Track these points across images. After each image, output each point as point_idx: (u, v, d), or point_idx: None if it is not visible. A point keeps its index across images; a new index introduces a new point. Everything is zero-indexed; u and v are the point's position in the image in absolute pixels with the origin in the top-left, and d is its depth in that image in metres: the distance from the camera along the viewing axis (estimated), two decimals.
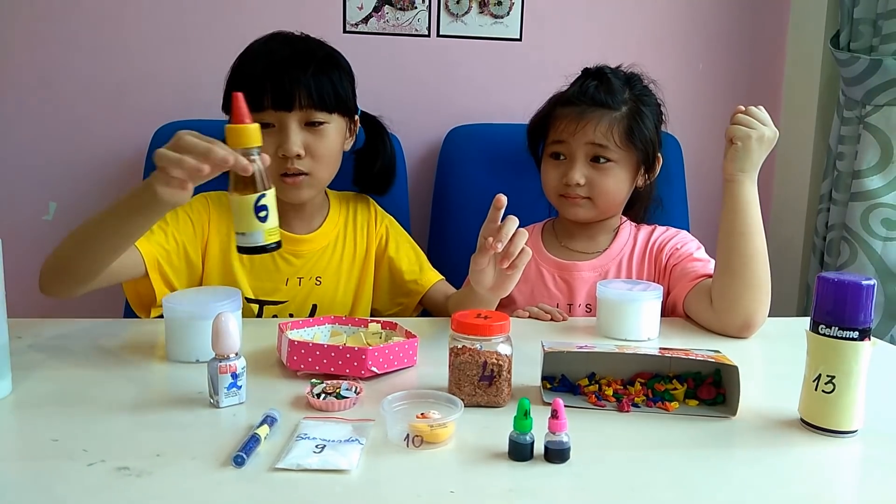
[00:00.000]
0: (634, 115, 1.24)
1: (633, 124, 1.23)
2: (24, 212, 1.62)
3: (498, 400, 0.81)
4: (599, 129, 1.21)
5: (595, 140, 1.21)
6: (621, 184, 1.25)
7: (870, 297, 0.73)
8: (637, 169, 1.27)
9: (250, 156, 0.82)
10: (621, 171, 1.24)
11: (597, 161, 1.23)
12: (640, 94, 1.26)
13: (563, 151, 1.25)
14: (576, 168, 1.23)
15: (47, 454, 0.68)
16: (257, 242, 0.83)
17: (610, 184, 1.23)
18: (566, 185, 1.23)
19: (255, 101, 1.09)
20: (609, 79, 1.24)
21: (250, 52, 1.19)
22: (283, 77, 1.11)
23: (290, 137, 1.12)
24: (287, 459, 0.66)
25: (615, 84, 1.23)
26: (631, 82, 1.27)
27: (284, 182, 1.15)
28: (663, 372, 0.87)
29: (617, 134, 1.21)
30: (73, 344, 1.00)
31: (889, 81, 1.43)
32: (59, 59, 1.58)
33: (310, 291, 1.25)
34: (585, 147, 1.22)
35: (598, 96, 1.22)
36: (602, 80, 1.24)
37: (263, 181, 0.83)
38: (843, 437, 0.75)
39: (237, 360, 0.79)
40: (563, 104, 1.26)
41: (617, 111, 1.22)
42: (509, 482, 0.65)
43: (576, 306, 1.28)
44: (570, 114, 1.23)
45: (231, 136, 0.82)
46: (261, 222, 0.82)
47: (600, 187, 1.23)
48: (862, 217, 1.49)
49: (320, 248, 1.27)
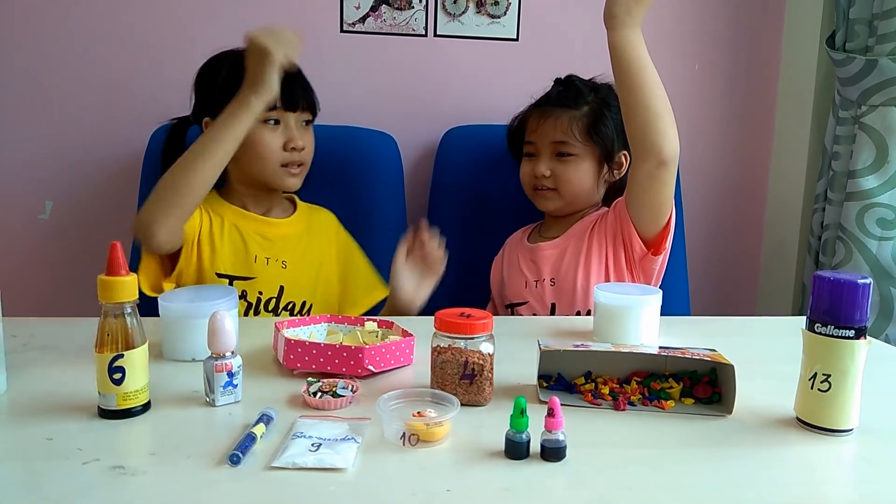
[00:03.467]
0: (595, 113, 1.35)
1: (593, 121, 1.34)
2: (21, 211, 1.62)
3: (479, 398, 0.81)
4: (560, 127, 1.33)
5: (557, 138, 1.34)
6: (584, 175, 1.35)
7: (866, 296, 0.73)
8: (601, 163, 1.36)
9: (124, 311, 0.76)
10: (583, 164, 1.35)
11: (561, 156, 1.34)
12: (605, 97, 1.36)
13: (532, 150, 1.38)
14: (541, 161, 1.36)
15: (41, 453, 0.68)
16: (109, 406, 0.75)
17: (572, 175, 1.35)
18: (535, 177, 1.36)
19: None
20: (575, 84, 1.37)
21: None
22: (292, 82, 1.26)
23: (295, 132, 1.30)
24: (283, 458, 0.66)
25: (580, 89, 1.36)
26: (598, 89, 1.38)
27: (289, 172, 1.31)
28: (659, 370, 0.87)
29: (577, 130, 1.33)
30: (68, 343, 0.99)
31: (884, 82, 1.44)
32: (56, 57, 1.57)
33: (277, 273, 1.33)
34: (550, 144, 1.35)
35: (560, 99, 1.36)
36: (568, 86, 1.38)
37: (128, 339, 0.75)
38: (839, 436, 0.75)
39: (233, 359, 0.79)
40: (532, 108, 1.40)
41: (577, 110, 1.34)
42: (505, 481, 0.65)
43: (542, 281, 1.37)
44: (536, 116, 1.37)
45: (106, 290, 0.75)
46: (115, 385, 0.75)
47: (563, 178, 1.35)
48: (857, 217, 1.49)
49: (286, 235, 1.37)
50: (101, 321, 0.75)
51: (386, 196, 1.45)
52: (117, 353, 0.75)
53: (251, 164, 1.29)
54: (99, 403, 0.76)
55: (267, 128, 1.27)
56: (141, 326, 0.77)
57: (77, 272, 1.63)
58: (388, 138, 1.59)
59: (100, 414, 0.76)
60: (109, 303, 0.75)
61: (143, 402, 0.77)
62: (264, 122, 1.26)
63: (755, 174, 1.83)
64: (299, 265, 1.36)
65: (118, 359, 0.75)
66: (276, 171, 1.30)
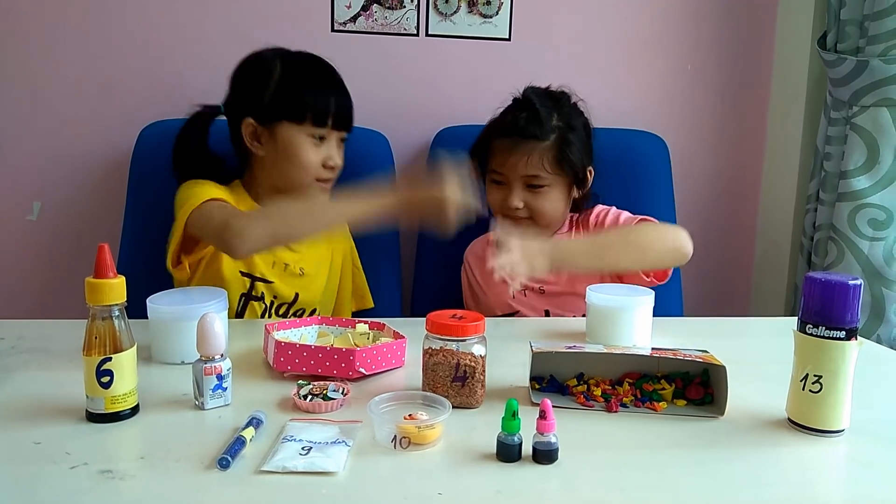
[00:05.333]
0: (562, 142, 1.31)
1: (561, 151, 1.31)
2: (8, 212, 1.60)
3: (471, 401, 0.81)
4: (531, 162, 1.30)
5: (528, 172, 1.30)
6: (556, 202, 1.34)
7: (856, 297, 0.74)
8: (571, 186, 1.36)
9: (112, 314, 0.75)
10: (555, 191, 1.33)
11: (532, 187, 1.32)
12: (568, 115, 1.34)
13: (500, 179, 1.34)
14: (514, 194, 1.32)
15: (29, 457, 0.67)
16: (97, 409, 0.74)
17: (546, 205, 1.33)
18: (507, 207, 1.33)
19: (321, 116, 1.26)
20: (537, 109, 1.32)
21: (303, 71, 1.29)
22: (342, 102, 1.30)
23: (335, 151, 1.31)
24: (273, 462, 0.66)
25: (542, 113, 1.31)
26: (559, 104, 1.34)
27: (322, 187, 1.31)
28: (652, 372, 0.87)
29: (547, 162, 1.30)
30: (56, 345, 0.98)
31: (875, 82, 1.44)
32: (44, 57, 1.56)
33: (294, 280, 1.33)
34: (520, 177, 1.31)
35: (527, 129, 1.30)
36: (530, 110, 1.32)
37: (116, 342, 0.75)
38: (830, 437, 0.75)
39: (222, 362, 0.79)
40: (497, 135, 1.35)
41: (545, 141, 1.30)
42: (497, 483, 0.65)
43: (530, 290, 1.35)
44: (504, 147, 1.32)
45: (94, 293, 0.74)
46: (103, 388, 0.74)
47: (538, 209, 1.33)
48: (849, 217, 1.50)
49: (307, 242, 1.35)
50: (89, 324, 0.75)
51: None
52: (105, 356, 0.74)
53: (287, 173, 1.28)
54: (87, 407, 0.75)
55: (312, 142, 1.27)
56: (129, 329, 0.76)
57: (65, 274, 1.62)
58: (381, 138, 1.58)
59: (88, 417, 0.75)
60: (97, 305, 0.74)
61: (131, 406, 0.76)
62: (311, 136, 1.26)
63: (747, 175, 1.84)
64: (315, 273, 1.36)
65: (106, 362, 0.74)
66: (311, 184, 1.30)
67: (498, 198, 1.35)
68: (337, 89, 1.30)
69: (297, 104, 1.26)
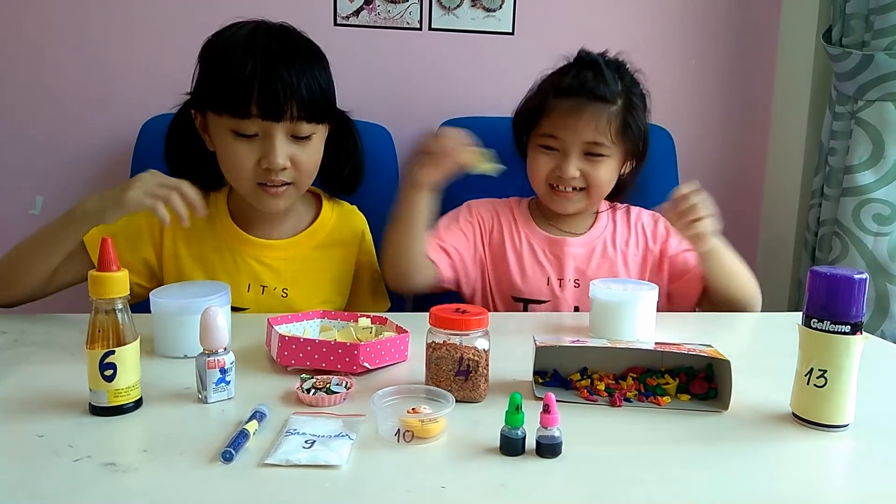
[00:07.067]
0: (628, 108, 1.23)
1: (627, 119, 1.22)
2: (11, 206, 1.60)
3: (475, 395, 0.80)
4: (598, 127, 1.19)
5: (591, 139, 1.21)
6: (612, 174, 1.26)
7: (862, 291, 0.73)
8: (623, 160, 1.28)
9: (115, 307, 0.75)
10: (613, 163, 1.25)
11: (591, 155, 1.23)
12: (631, 84, 1.26)
13: (555, 145, 1.24)
14: (570, 162, 1.22)
15: (33, 450, 0.67)
16: (100, 403, 0.74)
17: (603, 175, 1.24)
18: (559, 177, 1.23)
19: (239, 106, 1.03)
20: (603, 69, 1.22)
21: (233, 45, 1.07)
22: (275, 84, 1.02)
23: (276, 150, 1.06)
24: (276, 455, 0.66)
25: (608, 75, 1.22)
26: (621, 72, 1.25)
27: (265, 191, 1.10)
28: (655, 366, 0.87)
29: (612, 129, 1.20)
30: (59, 339, 0.98)
31: (881, 77, 1.43)
32: (46, 50, 1.56)
33: (275, 303, 1.17)
34: (581, 143, 1.21)
35: (597, 89, 1.20)
36: (596, 70, 1.22)
37: (119, 335, 0.74)
38: (835, 432, 0.75)
39: (226, 355, 0.79)
40: (559, 95, 1.22)
41: (613, 105, 1.21)
42: (501, 477, 0.64)
43: (566, 281, 1.28)
44: (566, 107, 1.21)
45: (97, 285, 0.74)
46: (106, 381, 0.74)
47: (594, 179, 1.23)
48: (853, 212, 1.49)
49: (293, 257, 1.21)
50: (92, 317, 0.75)
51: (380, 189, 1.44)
52: (108, 349, 0.74)
53: (228, 179, 1.13)
54: (90, 400, 0.75)
55: (240, 140, 1.06)
56: (132, 322, 0.76)
57: None
58: (384, 131, 1.58)
59: (91, 411, 0.75)
60: (100, 298, 0.74)
61: (134, 399, 0.76)
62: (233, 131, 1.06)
63: (752, 170, 1.83)
64: (305, 291, 1.20)
65: (109, 355, 0.74)
66: (252, 190, 1.10)
67: (548, 166, 1.24)
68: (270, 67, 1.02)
69: (212, 88, 1.06)
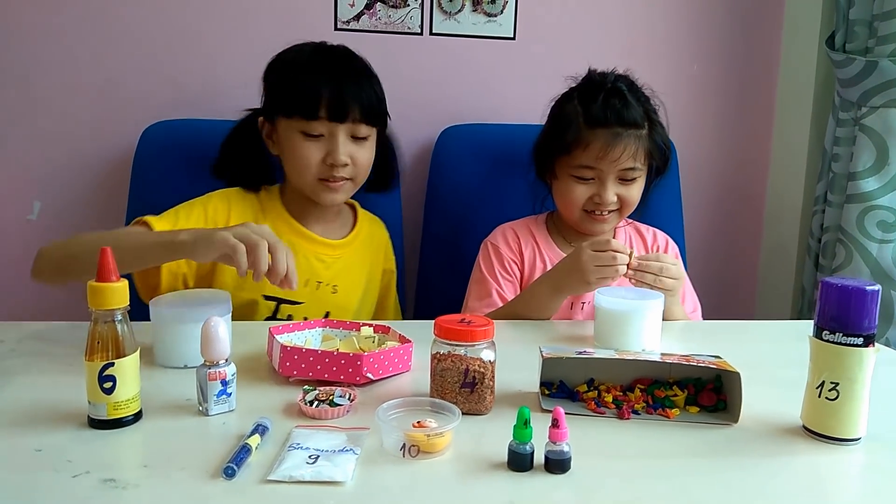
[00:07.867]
0: (652, 128, 1.27)
1: (654, 139, 1.27)
2: (8, 211, 1.59)
3: (480, 407, 0.79)
4: (633, 153, 1.24)
5: (627, 165, 1.24)
6: (641, 190, 1.30)
7: (874, 303, 0.72)
8: (652, 173, 1.32)
9: (115, 318, 0.73)
10: (642, 181, 1.30)
11: (624, 180, 1.27)
12: (646, 102, 1.29)
13: (592, 175, 1.26)
14: (608, 189, 1.25)
15: (30, 465, 0.66)
16: (99, 416, 0.73)
17: (635, 195, 1.29)
18: (597, 203, 1.26)
19: (309, 109, 1.17)
20: (626, 95, 1.25)
21: (301, 60, 1.22)
22: (340, 90, 1.18)
23: (339, 147, 1.20)
24: (279, 471, 0.64)
25: (631, 99, 1.25)
26: (638, 95, 1.28)
27: (326, 185, 1.22)
28: (663, 378, 0.86)
29: (643, 152, 1.26)
30: (58, 348, 0.97)
31: (885, 83, 1.43)
32: (46, 55, 1.54)
33: (326, 298, 1.27)
34: (617, 171, 1.25)
35: (627, 117, 1.23)
36: (621, 97, 1.25)
37: (119, 347, 0.73)
38: (847, 445, 0.74)
39: (227, 367, 0.77)
40: (592, 125, 1.24)
41: (642, 129, 1.25)
42: (509, 493, 0.63)
43: (582, 303, 1.28)
44: (601, 137, 1.23)
45: (96, 296, 0.73)
46: (105, 394, 0.72)
47: (628, 200, 1.28)
48: (857, 219, 1.48)
49: (342, 257, 1.31)
50: (91, 328, 0.73)
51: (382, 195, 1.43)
52: (108, 361, 0.72)
53: (291, 173, 1.25)
54: (89, 413, 0.74)
55: (308, 140, 1.20)
56: (132, 333, 0.75)
57: None
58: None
59: (90, 424, 0.74)
60: (100, 309, 0.73)
61: (134, 412, 0.75)
62: (303, 132, 1.19)
63: (754, 176, 1.82)
64: (349, 289, 1.31)
65: (109, 367, 0.72)
66: (314, 185, 1.22)
67: (585, 195, 1.26)
68: (336, 78, 1.19)
69: (285, 96, 1.21)
